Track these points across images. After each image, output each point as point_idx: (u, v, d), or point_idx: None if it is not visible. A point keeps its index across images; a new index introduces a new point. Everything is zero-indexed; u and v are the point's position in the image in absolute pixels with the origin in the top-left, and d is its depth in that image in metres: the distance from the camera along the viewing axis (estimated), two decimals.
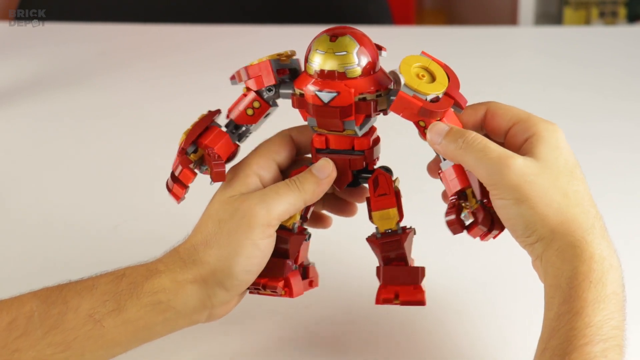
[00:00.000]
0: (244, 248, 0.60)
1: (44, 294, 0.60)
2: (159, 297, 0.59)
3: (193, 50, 1.38)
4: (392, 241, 0.62)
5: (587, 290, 0.53)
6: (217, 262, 0.60)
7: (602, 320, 0.52)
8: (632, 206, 0.88)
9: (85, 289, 0.60)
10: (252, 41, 1.39)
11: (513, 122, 0.60)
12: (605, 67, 1.27)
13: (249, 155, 0.64)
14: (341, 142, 0.62)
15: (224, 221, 0.60)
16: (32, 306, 0.59)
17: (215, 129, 0.63)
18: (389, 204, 0.62)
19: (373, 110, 0.60)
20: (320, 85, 0.59)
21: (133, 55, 1.37)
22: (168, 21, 1.51)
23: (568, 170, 0.58)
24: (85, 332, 0.58)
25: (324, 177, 0.62)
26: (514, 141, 0.60)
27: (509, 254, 0.68)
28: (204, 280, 0.60)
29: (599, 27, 2.23)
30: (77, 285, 0.60)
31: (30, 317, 0.58)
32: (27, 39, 1.42)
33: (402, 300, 0.61)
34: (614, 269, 0.55)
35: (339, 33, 0.59)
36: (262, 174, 0.63)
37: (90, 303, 0.59)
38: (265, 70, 0.62)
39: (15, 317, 0.59)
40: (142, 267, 0.61)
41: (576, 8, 2.53)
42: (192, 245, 0.61)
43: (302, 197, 0.61)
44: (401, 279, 0.62)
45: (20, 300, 0.60)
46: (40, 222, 0.90)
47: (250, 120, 0.64)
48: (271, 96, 0.63)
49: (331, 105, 0.59)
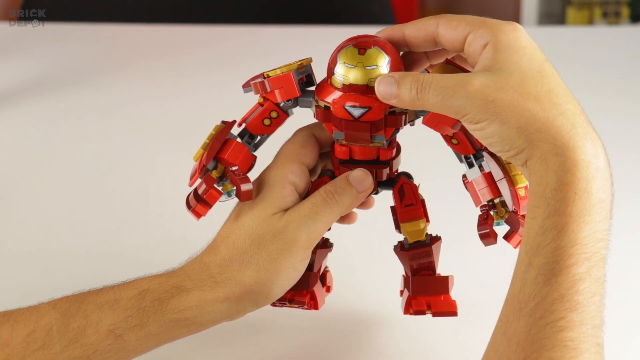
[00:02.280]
0: (285, 272, 0.59)
1: (63, 306, 0.59)
2: (185, 315, 0.58)
3: (194, 50, 1.38)
4: (422, 251, 0.61)
5: (572, 204, 0.51)
6: (254, 284, 0.58)
7: (588, 235, 0.51)
8: (636, 207, 0.88)
9: (106, 304, 0.58)
10: (254, 41, 1.39)
11: (468, 30, 0.56)
12: (608, 67, 1.27)
13: (279, 162, 0.61)
14: (366, 152, 0.61)
15: (264, 242, 0.59)
16: (50, 319, 0.58)
17: (233, 142, 0.61)
18: (417, 214, 0.61)
19: (403, 123, 0.59)
20: (350, 99, 0.58)
21: (135, 55, 1.37)
22: (168, 21, 1.50)
23: (535, 71, 0.54)
24: (105, 345, 0.57)
25: (362, 190, 0.61)
26: (472, 51, 0.56)
27: None
28: (237, 299, 0.59)
29: (602, 27, 2.23)
30: (98, 297, 0.59)
31: (49, 330, 0.57)
32: (27, 39, 1.41)
33: (435, 311, 0.61)
34: (600, 172, 0.53)
35: (366, 45, 0.57)
36: (296, 181, 0.61)
37: (112, 319, 0.57)
38: (289, 83, 0.60)
39: (34, 329, 0.57)
40: (168, 282, 0.59)
41: (579, 8, 2.53)
42: (224, 261, 0.59)
43: (340, 212, 0.60)
44: (431, 289, 0.61)
45: (39, 312, 0.58)
46: (43, 221, 0.90)
47: (267, 130, 0.62)
48: (289, 105, 0.61)
49: (362, 120, 0.58)
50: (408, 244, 0.62)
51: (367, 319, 0.71)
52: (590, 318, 0.50)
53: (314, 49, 1.36)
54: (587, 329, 0.50)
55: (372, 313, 0.71)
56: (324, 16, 1.53)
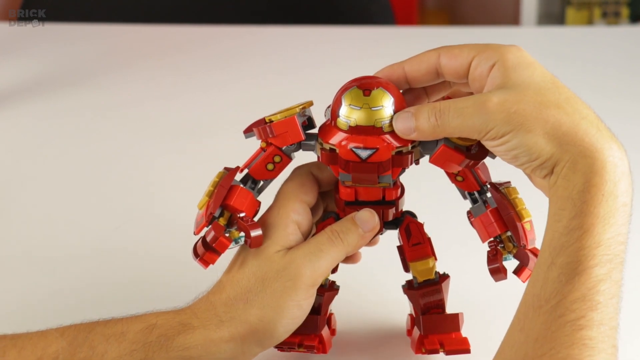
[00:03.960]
0: (289, 310, 0.58)
1: (71, 334, 0.58)
2: (190, 353, 0.58)
3: (194, 50, 1.38)
4: (432, 289, 0.61)
5: (599, 205, 0.52)
6: (258, 323, 0.58)
7: (611, 238, 0.52)
8: (636, 207, 0.88)
9: (113, 336, 0.58)
10: (254, 41, 1.39)
11: (472, 55, 0.57)
12: (607, 67, 1.27)
13: (280, 202, 0.61)
14: (372, 193, 0.61)
15: (268, 280, 0.58)
16: (57, 347, 0.58)
17: (237, 188, 0.61)
18: (425, 252, 0.62)
19: (410, 162, 0.59)
20: (357, 140, 0.58)
21: (135, 55, 1.37)
22: (169, 21, 1.50)
23: (549, 83, 0.55)
24: None
25: (368, 230, 0.61)
26: (478, 74, 0.57)
27: None
28: (242, 339, 0.58)
29: (602, 27, 2.23)
30: (106, 329, 0.59)
31: (56, 358, 0.57)
32: (27, 39, 1.41)
33: (448, 350, 0.61)
34: (625, 176, 0.53)
35: (370, 86, 0.58)
36: (299, 219, 0.61)
37: (118, 351, 0.57)
38: (293, 127, 0.60)
39: (40, 357, 0.57)
40: (175, 318, 0.59)
41: (579, 8, 2.53)
42: (229, 300, 0.59)
43: (345, 251, 0.60)
44: (442, 327, 0.61)
45: (46, 339, 0.58)
46: (43, 221, 0.90)
47: (271, 175, 0.62)
48: (292, 149, 0.61)
49: (369, 161, 0.58)
50: (417, 282, 0.62)
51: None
52: (608, 319, 0.51)
53: (314, 49, 1.37)
54: (605, 330, 0.50)
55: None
56: (324, 16, 1.53)
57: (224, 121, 1.13)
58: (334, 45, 1.38)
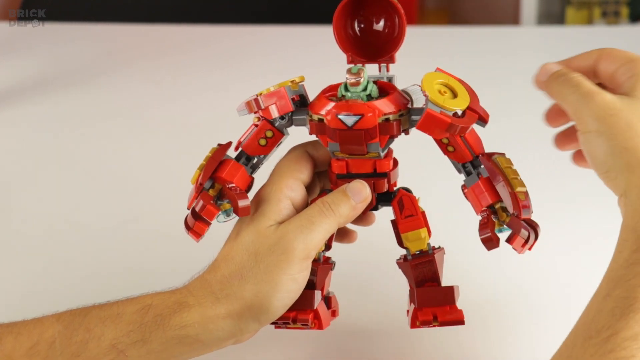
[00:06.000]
0: (284, 284, 0.58)
1: (66, 319, 0.58)
2: (187, 332, 0.58)
3: (194, 50, 1.38)
4: (425, 262, 0.61)
5: None
6: (254, 298, 0.58)
7: None
8: None
9: (109, 318, 0.58)
10: (254, 41, 1.39)
11: (621, 63, 0.59)
12: None
13: (275, 178, 0.62)
14: (362, 165, 0.61)
15: (261, 255, 0.59)
16: (54, 332, 0.57)
17: (230, 162, 0.61)
18: (418, 224, 0.61)
19: (397, 130, 0.59)
20: (343, 108, 0.58)
21: (135, 55, 1.37)
22: (169, 21, 1.51)
23: None
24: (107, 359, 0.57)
25: (360, 201, 0.61)
26: (616, 80, 0.59)
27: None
28: (239, 315, 0.58)
29: (602, 27, 2.23)
30: (102, 311, 0.59)
31: (52, 343, 0.57)
32: (27, 39, 1.41)
33: (442, 320, 0.60)
34: None
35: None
36: (293, 195, 0.61)
37: (114, 333, 0.57)
38: (282, 97, 0.60)
39: (37, 342, 0.57)
40: (170, 298, 0.59)
41: (578, 8, 2.53)
42: (224, 277, 0.59)
43: (337, 222, 0.60)
44: (436, 300, 0.60)
45: (43, 324, 0.58)
46: (44, 222, 0.90)
47: (263, 150, 0.62)
48: (284, 124, 0.61)
49: (355, 128, 0.58)
50: (410, 254, 0.62)
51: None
52: None
53: (314, 49, 1.37)
54: None
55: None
56: (324, 16, 1.53)
57: (224, 121, 1.13)
58: (334, 45, 1.38)
